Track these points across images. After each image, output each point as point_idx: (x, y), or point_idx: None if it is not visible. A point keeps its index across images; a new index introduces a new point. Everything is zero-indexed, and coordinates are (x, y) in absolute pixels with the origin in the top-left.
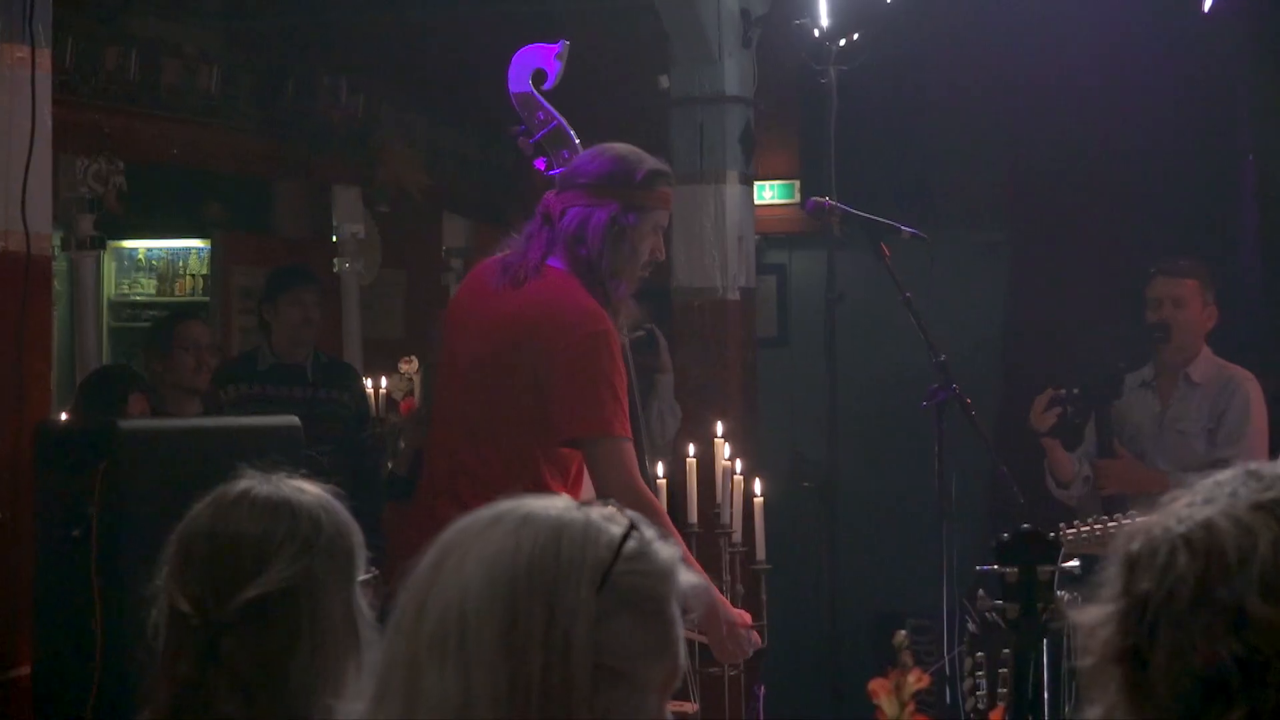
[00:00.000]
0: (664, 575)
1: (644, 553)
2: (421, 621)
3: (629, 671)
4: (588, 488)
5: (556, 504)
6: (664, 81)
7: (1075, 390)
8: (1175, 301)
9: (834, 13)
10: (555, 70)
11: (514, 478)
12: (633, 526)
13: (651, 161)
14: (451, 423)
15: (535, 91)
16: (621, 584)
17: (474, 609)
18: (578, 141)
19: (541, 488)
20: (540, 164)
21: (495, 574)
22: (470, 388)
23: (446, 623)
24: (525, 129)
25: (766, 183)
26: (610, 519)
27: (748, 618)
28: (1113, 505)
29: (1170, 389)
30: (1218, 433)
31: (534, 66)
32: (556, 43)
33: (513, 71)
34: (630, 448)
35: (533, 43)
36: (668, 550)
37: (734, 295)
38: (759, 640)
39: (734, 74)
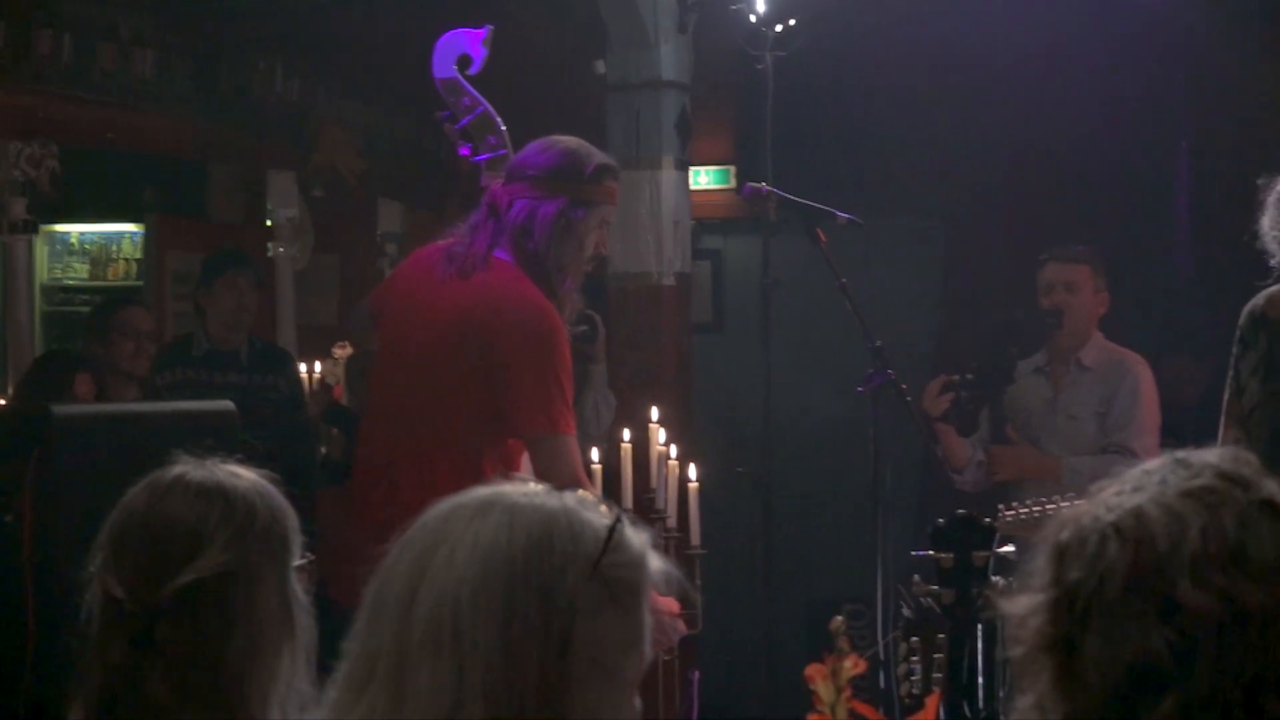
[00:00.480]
0: (640, 565)
1: (622, 542)
2: (411, 614)
3: (612, 665)
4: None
5: (538, 493)
6: (600, 67)
7: (969, 376)
8: (1067, 286)
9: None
10: (480, 56)
11: (456, 469)
12: (619, 516)
13: (600, 156)
14: (391, 411)
15: (460, 77)
16: (607, 576)
17: (469, 604)
18: (504, 128)
19: (482, 480)
20: (465, 150)
21: (490, 568)
22: (414, 377)
23: (440, 618)
24: (450, 115)
25: (702, 168)
26: (590, 506)
27: (675, 605)
28: (1005, 491)
29: (1062, 374)
30: (1108, 417)
31: (459, 52)
32: (482, 28)
33: (437, 57)
34: (575, 444)
35: (470, 27)
36: (640, 538)
37: (669, 281)
38: (684, 628)
39: (670, 60)
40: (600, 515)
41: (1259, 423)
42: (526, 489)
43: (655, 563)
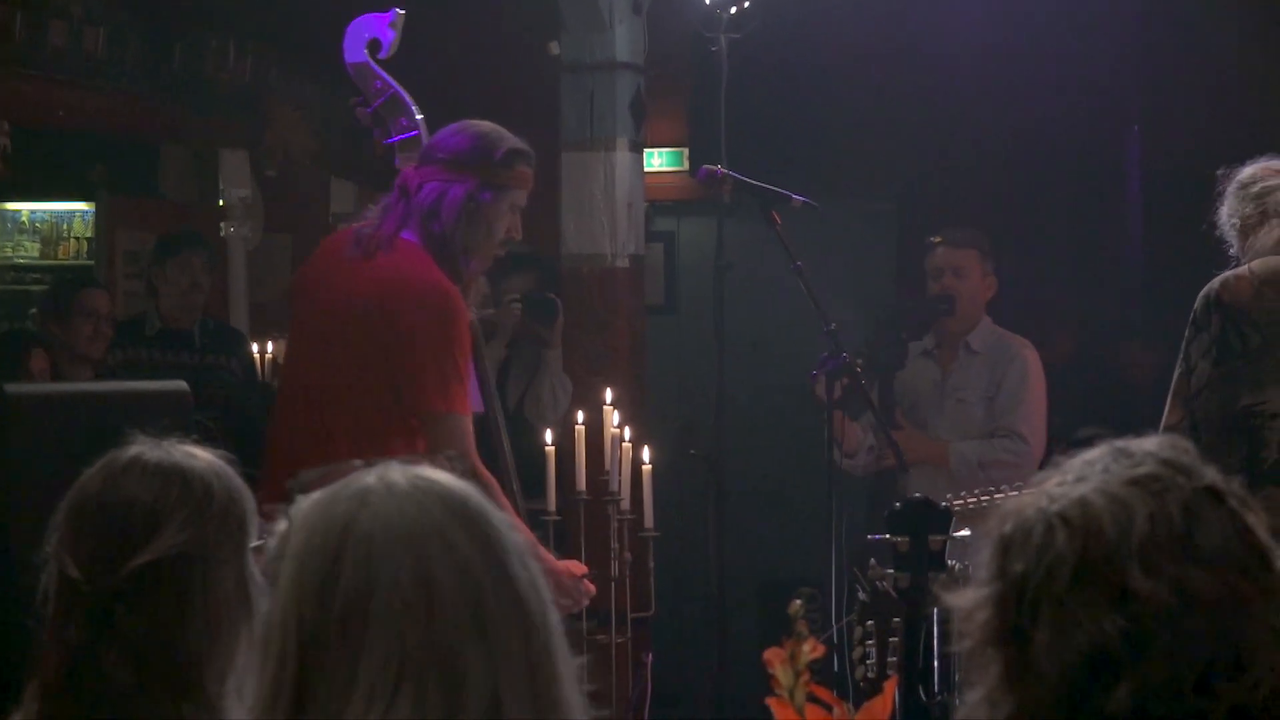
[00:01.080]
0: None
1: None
2: (435, 604)
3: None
4: None
5: (444, 472)
6: (554, 48)
7: (860, 360)
8: (955, 271)
9: None
10: (389, 39)
11: (359, 448)
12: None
13: (512, 141)
14: (298, 392)
15: (371, 61)
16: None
17: (477, 584)
18: (415, 110)
19: (387, 458)
20: (379, 134)
21: (480, 547)
22: (318, 358)
23: (460, 603)
24: (363, 100)
25: (655, 150)
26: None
27: (578, 568)
28: (899, 477)
29: (951, 358)
30: (996, 401)
31: (369, 36)
32: (389, 11)
33: (347, 42)
34: (468, 424)
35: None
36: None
37: (623, 263)
38: (592, 589)
39: (625, 41)
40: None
41: (1206, 403)
42: (437, 468)
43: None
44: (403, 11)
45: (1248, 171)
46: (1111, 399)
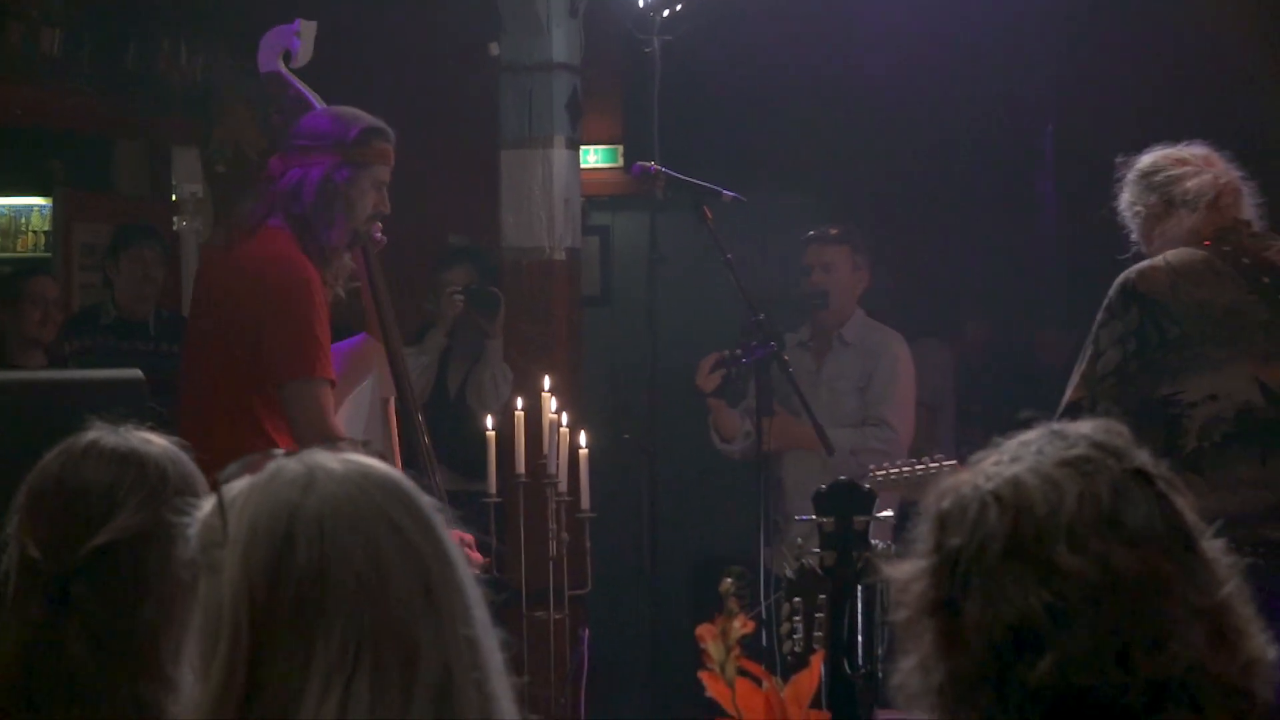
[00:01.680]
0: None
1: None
2: (388, 583)
3: None
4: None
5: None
6: (494, 49)
7: (738, 352)
8: (825, 267)
9: None
10: (297, 47)
11: (235, 428)
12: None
13: (368, 120)
14: (184, 379)
15: (283, 70)
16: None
17: (423, 563)
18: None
19: (262, 436)
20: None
21: (420, 528)
22: (195, 346)
23: (411, 581)
24: (278, 108)
25: (591, 147)
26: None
27: (467, 536)
28: (772, 460)
29: (825, 349)
30: (868, 391)
31: (281, 47)
32: (293, 23)
33: (261, 55)
34: (326, 390)
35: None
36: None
37: (560, 255)
38: (479, 557)
39: (561, 42)
40: None
41: (1114, 390)
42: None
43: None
44: (311, 22)
45: (1148, 160)
46: (1028, 381)
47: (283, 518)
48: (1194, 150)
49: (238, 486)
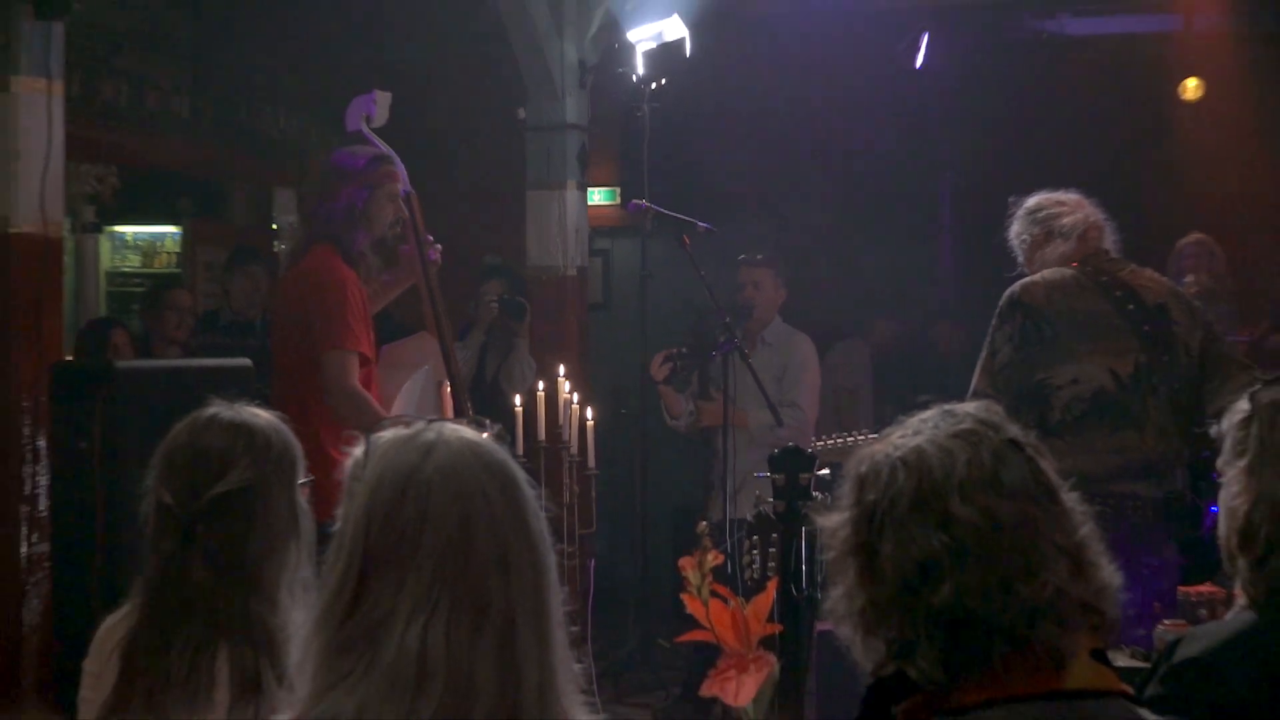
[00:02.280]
0: None
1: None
2: (471, 547)
3: None
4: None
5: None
6: (521, 113)
7: (683, 350)
8: (754, 284)
9: (647, 64)
10: (374, 111)
11: (306, 407)
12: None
13: (373, 151)
14: (274, 367)
15: (365, 129)
16: None
17: (505, 536)
18: (397, 160)
19: (321, 415)
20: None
21: (509, 505)
22: (276, 344)
23: (490, 548)
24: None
25: (595, 189)
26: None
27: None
28: (709, 432)
29: (751, 348)
30: (783, 379)
31: (363, 111)
32: (371, 94)
33: (347, 117)
34: (353, 360)
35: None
36: None
37: (572, 272)
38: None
39: (572, 108)
40: None
41: (1009, 377)
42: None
43: None
44: (386, 92)
45: (1033, 200)
46: (926, 368)
47: (403, 474)
48: (1069, 195)
49: (386, 437)
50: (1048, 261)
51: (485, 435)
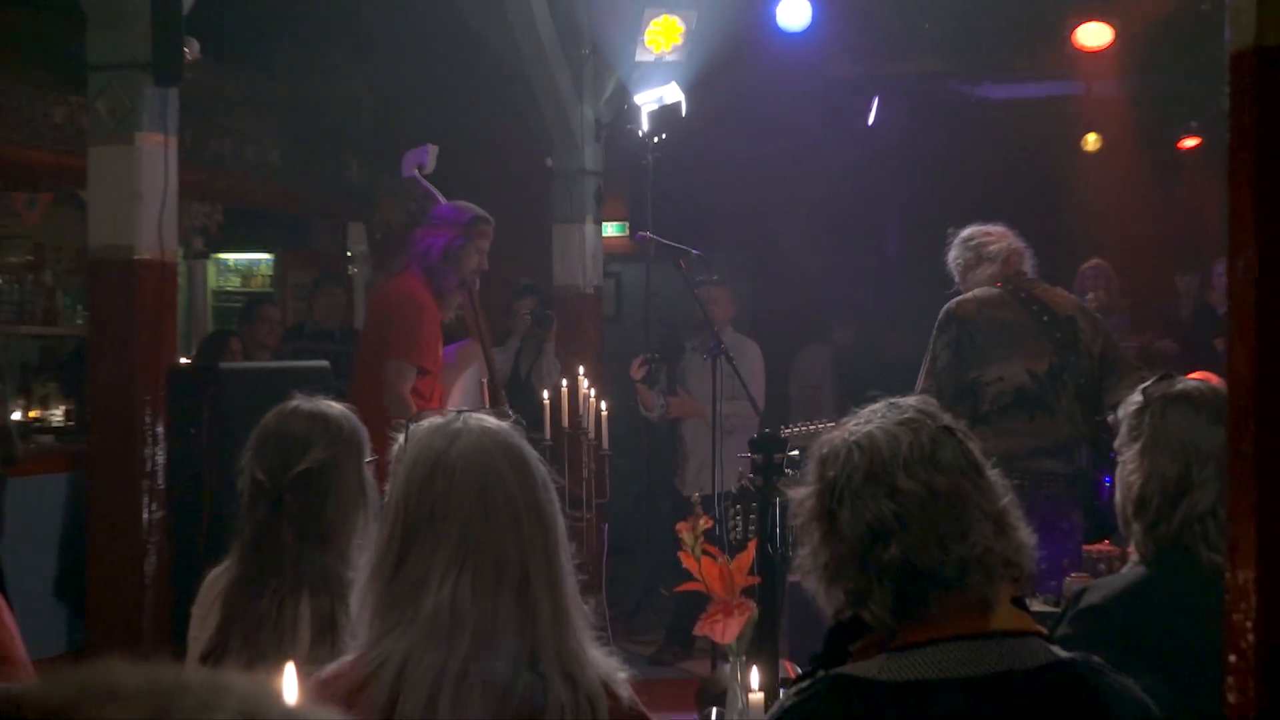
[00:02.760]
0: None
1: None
2: (489, 517)
3: None
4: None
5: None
6: (549, 161)
7: (655, 354)
8: (713, 300)
9: (650, 122)
10: (426, 162)
11: (376, 396)
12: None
13: (476, 210)
14: (357, 368)
15: (418, 176)
16: None
17: (516, 506)
18: (443, 201)
19: (404, 404)
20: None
21: (521, 481)
22: (362, 347)
23: (505, 517)
24: (414, 200)
25: (608, 223)
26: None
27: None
28: (678, 422)
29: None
30: (734, 378)
31: (416, 162)
32: (424, 147)
33: (403, 166)
34: (411, 371)
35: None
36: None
37: (590, 290)
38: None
39: (590, 157)
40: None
41: (946, 378)
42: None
43: None
44: (435, 145)
45: (966, 231)
46: (877, 369)
47: (431, 458)
48: (995, 227)
49: (422, 426)
50: (978, 281)
51: (506, 424)
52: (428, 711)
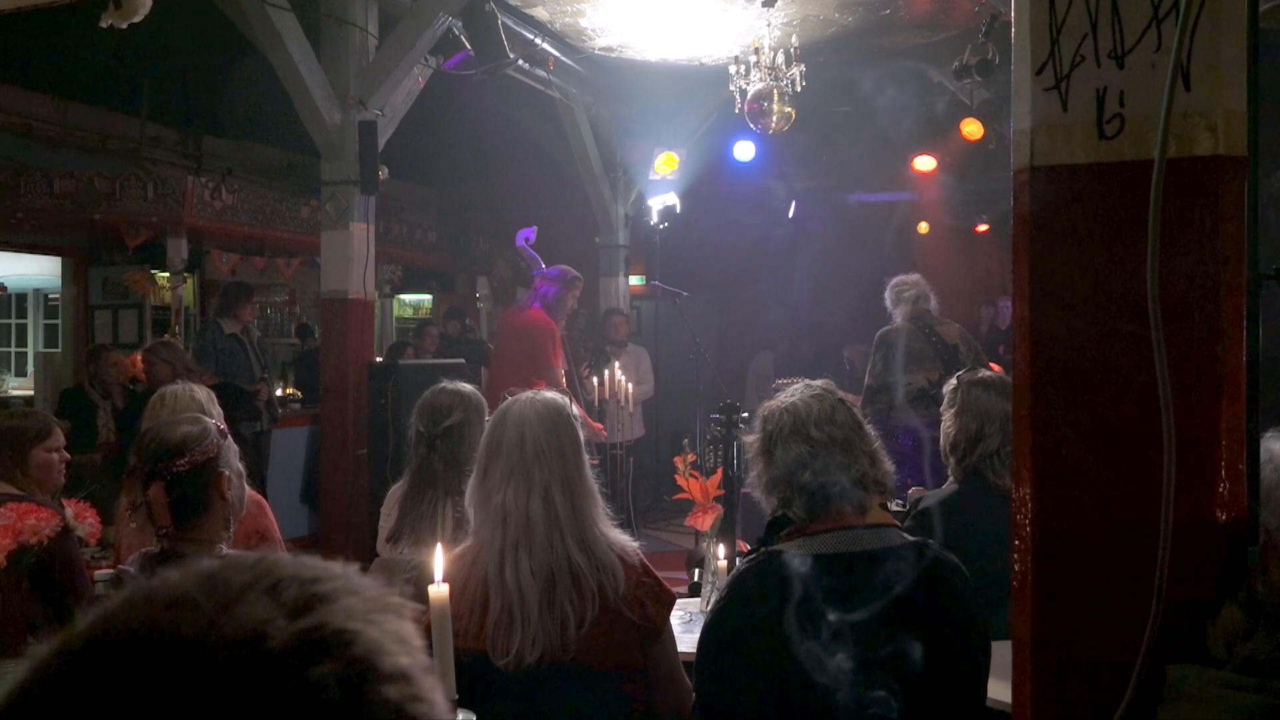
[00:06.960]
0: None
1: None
2: (524, 453)
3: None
4: None
5: (555, 393)
6: (597, 239)
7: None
8: (623, 320)
9: (658, 216)
10: (531, 236)
11: (520, 382)
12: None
13: (574, 273)
14: (497, 362)
15: (526, 245)
16: None
17: (542, 447)
18: (542, 263)
19: (560, 388)
20: (534, 273)
21: (549, 431)
22: (505, 355)
23: (534, 453)
24: (524, 260)
25: (633, 276)
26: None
27: (600, 427)
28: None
29: (621, 354)
30: (639, 369)
31: (525, 236)
32: (530, 227)
33: (518, 239)
34: (559, 370)
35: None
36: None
37: (621, 318)
38: (604, 432)
39: (622, 236)
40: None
41: (880, 383)
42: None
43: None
44: (534, 226)
45: (894, 280)
46: (837, 377)
47: (500, 415)
48: (911, 276)
49: (513, 398)
50: (900, 314)
51: (555, 396)
52: (497, 569)
